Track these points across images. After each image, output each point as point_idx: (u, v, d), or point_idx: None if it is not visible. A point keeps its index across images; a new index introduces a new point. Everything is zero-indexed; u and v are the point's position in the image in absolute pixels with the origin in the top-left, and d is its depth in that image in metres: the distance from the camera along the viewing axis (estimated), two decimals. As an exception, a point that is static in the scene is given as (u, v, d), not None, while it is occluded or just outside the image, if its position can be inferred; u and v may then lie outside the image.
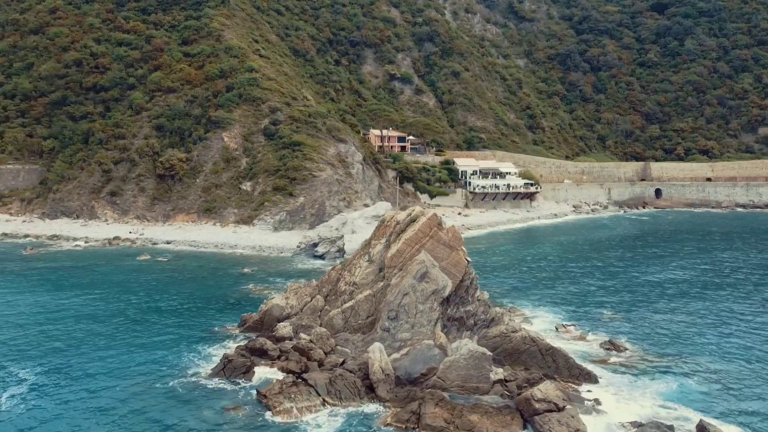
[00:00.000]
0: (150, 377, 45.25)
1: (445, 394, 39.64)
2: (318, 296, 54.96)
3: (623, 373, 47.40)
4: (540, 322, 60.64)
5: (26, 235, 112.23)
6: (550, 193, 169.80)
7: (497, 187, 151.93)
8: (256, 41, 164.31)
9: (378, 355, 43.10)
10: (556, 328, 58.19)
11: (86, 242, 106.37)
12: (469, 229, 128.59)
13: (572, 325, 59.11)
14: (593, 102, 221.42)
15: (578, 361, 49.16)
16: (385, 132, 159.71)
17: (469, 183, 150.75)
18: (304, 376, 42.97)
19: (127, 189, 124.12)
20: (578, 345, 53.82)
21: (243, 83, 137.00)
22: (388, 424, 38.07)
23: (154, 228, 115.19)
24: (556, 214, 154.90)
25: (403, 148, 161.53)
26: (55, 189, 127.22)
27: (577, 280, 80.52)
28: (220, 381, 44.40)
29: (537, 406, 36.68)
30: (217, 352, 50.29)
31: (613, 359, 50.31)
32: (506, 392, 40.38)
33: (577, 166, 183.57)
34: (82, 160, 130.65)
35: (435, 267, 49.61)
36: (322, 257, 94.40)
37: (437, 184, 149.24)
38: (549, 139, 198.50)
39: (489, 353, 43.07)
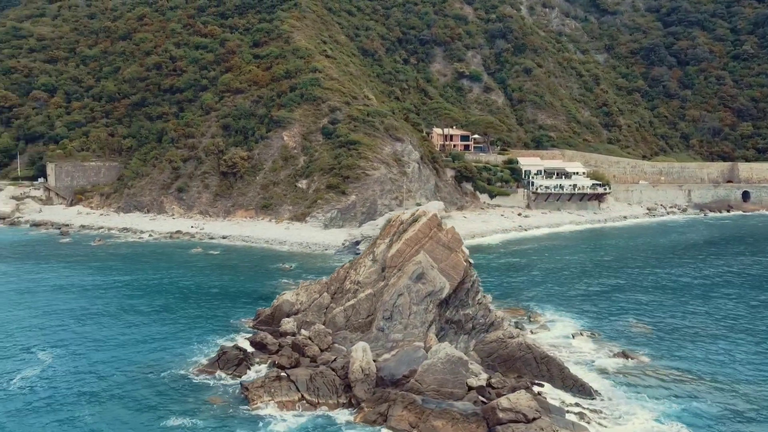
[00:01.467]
0: (151, 364, 47.64)
1: (418, 398, 39.04)
2: (325, 293, 55.62)
3: (627, 386, 44.66)
4: (559, 328, 58.27)
5: (100, 227, 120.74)
6: (622, 194, 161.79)
7: (562, 187, 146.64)
8: (324, 42, 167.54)
9: (360, 355, 43.08)
10: (572, 335, 55.67)
11: (150, 235, 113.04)
12: (525, 230, 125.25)
13: (591, 333, 56.29)
14: (678, 98, 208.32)
15: (581, 372, 47.12)
16: (448, 131, 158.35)
17: (532, 183, 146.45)
18: (287, 371, 43.75)
19: (192, 185, 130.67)
20: (590, 354, 51.28)
21: (305, 83, 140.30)
22: (355, 424, 38.06)
23: (215, 223, 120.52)
24: (625, 217, 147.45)
25: (466, 147, 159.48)
26: (129, 185, 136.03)
27: (618, 286, 76.41)
28: (214, 372, 45.97)
29: (501, 415, 35.37)
30: (225, 344, 52.03)
31: (621, 371, 47.50)
32: (481, 399, 39.14)
33: (655, 166, 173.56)
34: (155, 157, 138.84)
35: (433, 268, 48.88)
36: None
37: (498, 184, 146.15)
38: (625, 137, 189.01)
39: (466, 358, 41.97)
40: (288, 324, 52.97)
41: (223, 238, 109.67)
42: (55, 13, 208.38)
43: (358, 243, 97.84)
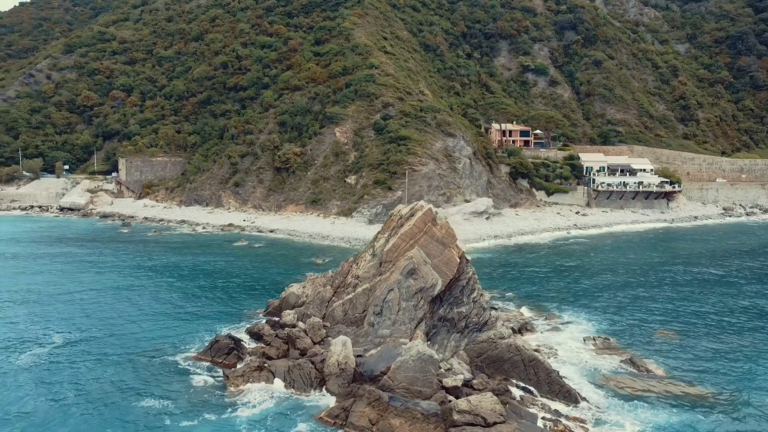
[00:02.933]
0: (152, 347, 49.48)
1: (385, 395, 38.21)
2: (328, 287, 55.65)
3: (624, 395, 41.74)
4: (573, 330, 55.45)
5: (161, 220, 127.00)
6: (695, 193, 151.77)
7: (626, 184, 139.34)
8: (385, 38, 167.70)
9: (338, 349, 42.81)
10: (584, 339, 52.72)
11: (204, 228, 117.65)
12: (580, 229, 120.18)
13: (605, 337, 53.03)
14: (766, 89, 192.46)
15: (578, 377, 44.67)
16: (506, 126, 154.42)
17: (593, 180, 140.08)
18: (268, 362, 44.16)
19: (248, 180, 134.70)
20: (595, 359, 48.39)
21: (360, 80, 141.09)
22: (320, 418, 37.82)
23: (266, 217, 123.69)
24: (696, 217, 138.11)
25: (526, 143, 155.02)
26: (191, 179, 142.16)
27: (657, 291, 71.54)
28: (206, 360, 47.10)
29: (456, 417, 33.99)
30: (226, 333, 53.22)
31: (623, 379, 44.46)
32: (448, 400, 37.79)
33: (735, 163, 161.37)
34: (216, 153, 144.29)
35: (426, 264, 47.73)
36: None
37: (557, 181, 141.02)
38: (703, 132, 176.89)
39: (436, 357, 40.64)
40: (288, 316, 53.42)
41: (271, 231, 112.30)
42: (137, 17, 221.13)
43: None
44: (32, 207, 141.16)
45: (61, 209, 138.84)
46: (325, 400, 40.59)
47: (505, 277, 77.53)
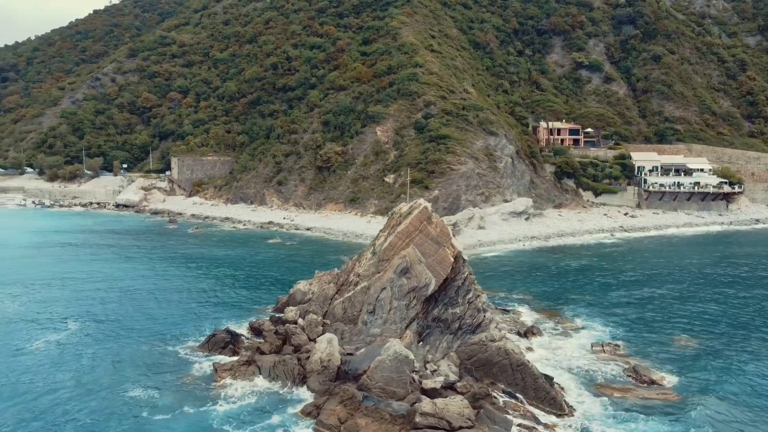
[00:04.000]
0: (156, 338, 50.96)
1: (359, 394, 37.79)
2: (332, 284, 55.62)
3: (615, 406, 39.56)
4: (583, 336, 53.24)
5: (206, 216, 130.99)
6: (760, 194, 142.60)
7: (680, 185, 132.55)
8: (433, 36, 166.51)
9: (323, 347, 42.68)
10: (591, 345, 50.41)
11: (244, 225, 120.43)
12: (626, 231, 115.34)
13: (615, 344, 50.52)
14: None
15: (572, 385, 42.81)
16: (554, 124, 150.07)
17: (645, 180, 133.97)
18: (256, 357, 44.56)
19: (291, 179, 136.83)
20: (596, 366, 46.17)
21: (402, 79, 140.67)
22: (294, 415, 37.82)
23: (305, 215, 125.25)
24: (758, 220, 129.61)
25: (576, 142, 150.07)
26: (238, 178, 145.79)
27: (689, 298, 67.46)
28: (204, 353, 48.05)
29: (418, 420, 33.14)
30: (231, 326, 54.11)
31: (620, 389, 42.19)
32: (420, 401, 36.87)
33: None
34: (262, 153, 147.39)
35: (421, 263, 46.90)
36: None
37: (606, 181, 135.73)
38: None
39: (411, 357, 39.72)
40: (290, 312, 53.76)
41: (308, 229, 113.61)
42: (197, 21, 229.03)
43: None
44: (91, 203, 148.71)
45: (117, 206, 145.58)
46: (305, 396, 40.52)
47: (528, 279, 75.33)
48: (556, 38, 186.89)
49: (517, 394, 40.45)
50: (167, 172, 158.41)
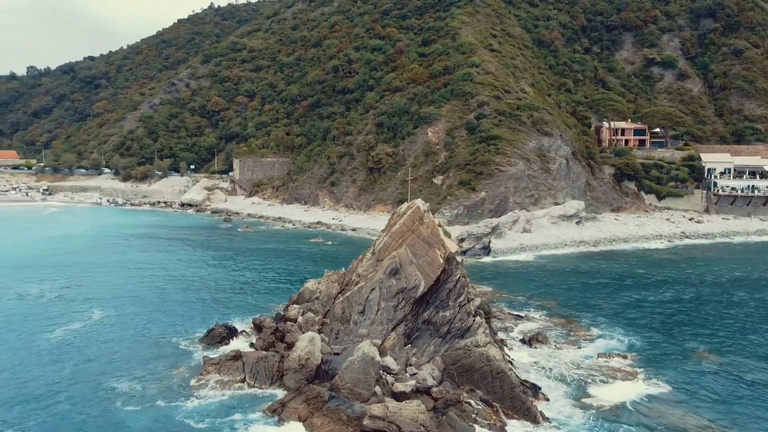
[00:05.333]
0: (165, 330, 52.43)
1: (327, 394, 37.44)
2: (336, 284, 55.51)
3: (600, 420, 36.99)
4: (593, 345, 50.19)
5: (261, 216, 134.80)
6: None
7: (755, 188, 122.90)
8: (494, 36, 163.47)
9: (303, 345, 42.62)
10: (597, 356, 47.52)
11: (293, 225, 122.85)
12: (688, 237, 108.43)
13: (623, 355, 47.35)
14: None
15: (558, 395, 40.59)
16: (617, 124, 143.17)
17: (715, 183, 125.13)
18: (242, 353, 45.11)
19: (343, 180, 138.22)
20: (594, 376, 43.37)
21: (457, 79, 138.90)
22: (264, 411, 37.93)
23: (354, 216, 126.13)
24: None
25: (641, 142, 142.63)
26: (294, 178, 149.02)
27: (732, 312, 62.18)
28: (201, 347, 49.26)
29: (366, 422, 32.31)
30: (239, 325, 55.21)
31: (614, 403, 39.39)
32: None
33: None
34: (317, 154, 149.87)
35: (412, 264, 45.92)
36: (464, 253, 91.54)
37: (671, 184, 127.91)
38: None
39: (377, 359, 38.73)
40: (293, 310, 54.11)
41: (353, 230, 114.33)
42: (267, 27, 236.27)
43: (461, 241, 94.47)
44: (159, 202, 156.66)
45: (182, 205, 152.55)
46: (279, 394, 40.50)
47: (559, 284, 72.08)
48: (626, 34, 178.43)
49: (494, 403, 38.71)
50: (230, 173, 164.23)
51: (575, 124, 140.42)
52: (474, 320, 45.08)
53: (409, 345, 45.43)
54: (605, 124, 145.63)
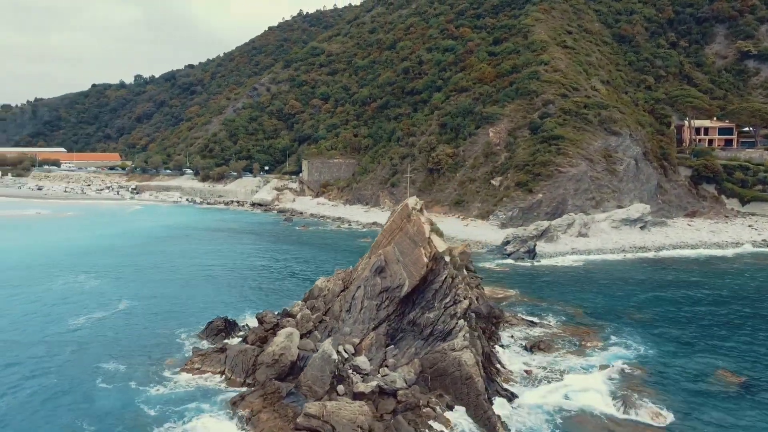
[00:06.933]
0: (175, 323, 54.30)
1: (285, 390, 37.08)
2: (340, 281, 55.06)
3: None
4: (601, 356, 46.53)
5: (322, 216, 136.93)
6: None
7: None
8: (569, 32, 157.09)
9: (280, 340, 42.54)
10: (600, 367, 43.97)
11: (350, 225, 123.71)
12: (759, 246, 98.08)
13: (631, 369, 43.49)
14: None
15: (537, 408, 38.01)
16: (699, 123, 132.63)
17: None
18: (227, 346, 45.71)
19: (403, 181, 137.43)
20: (585, 390, 40.10)
21: (522, 78, 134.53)
22: (223, 403, 38.16)
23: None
24: None
25: (728, 142, 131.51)
26: (358, 179, 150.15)
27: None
28: (200, 339, 50.48)
29: (299, 420, 31.55)
30: (250, 319, 56.14)
31: (587, 421, 36.28)
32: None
33: None
34: (381, 155, 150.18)
35: (399, 263, 44.65)
36: (509, 256, 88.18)
37: (758, 187, 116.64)
38: None
39: (334, 357, 37.64)
40: (296, 307, 54.25)
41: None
42: (347, 31, 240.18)
43: (506, 243, 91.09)
44: (232, 202, 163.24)
45: (253, 205, 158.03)
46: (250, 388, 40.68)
47: (593, 291, 67.58)
48: (718, 26, 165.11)
49: (459, 409, 36.71)
50: (299, 174, 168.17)
51: (651, 123, 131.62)
52: (457, 323, 43.08)
53: (392, 345, 44.17)
54: (686, 122, 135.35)
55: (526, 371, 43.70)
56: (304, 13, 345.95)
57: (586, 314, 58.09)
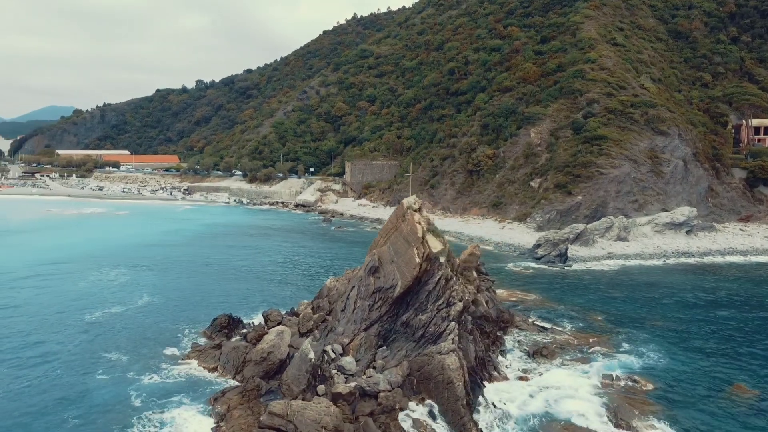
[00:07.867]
0: (188, 318, 55.43)
1: (265, 388, 37.00)
2: (347, 281, 54.62)
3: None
4: (605, 365, 44.18)
5: (361, 217, 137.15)
6: None
7: None
8: (620, 29, 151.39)
9: (270, 338, 42.49)
10: (602, 375, 41.74)
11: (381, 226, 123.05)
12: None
13: (635, 379, 41.08)
14: None
15: (523, 419, 36.43)
16: (761, 121, 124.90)
17: None
18: (223, 342, 46.07)
19: (442, 183, 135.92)
20: (577, 400, 38.12)
21: (568, 76, 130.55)
22: (205, 398, 38.36)
23: (448, 219, 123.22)
24: None
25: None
26: (398, 181, 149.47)
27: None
28: (206, 335, 51.14)
29: (262, 418, 31.22)
30: (258, 318, 56.50)
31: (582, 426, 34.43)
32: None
33: None
34: (422, 156, 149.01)
35: (393, 263, 43.82)
36: (539, 260, 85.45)
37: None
38: None
39: (311, 356, 37.02)
40: (302, 306, 54.33)
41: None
42: (396, 33, 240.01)
43: (538, 246, 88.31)
44: (277, 203, 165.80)
45: (296, 205, 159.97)
46: (234, 383, 40.79)
47: (618, 298, 64.53)
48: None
49: (438, 414, 35.57)
50: (343, 175, 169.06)
51: (705, 123, 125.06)
52: (448, 326, 41.86)
53: (384, 347, 43.38)
54: (744, 122, 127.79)
55: (520, 377, 42.00)
56: (358, 17, 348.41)
57: (605, 321, 55.49)
